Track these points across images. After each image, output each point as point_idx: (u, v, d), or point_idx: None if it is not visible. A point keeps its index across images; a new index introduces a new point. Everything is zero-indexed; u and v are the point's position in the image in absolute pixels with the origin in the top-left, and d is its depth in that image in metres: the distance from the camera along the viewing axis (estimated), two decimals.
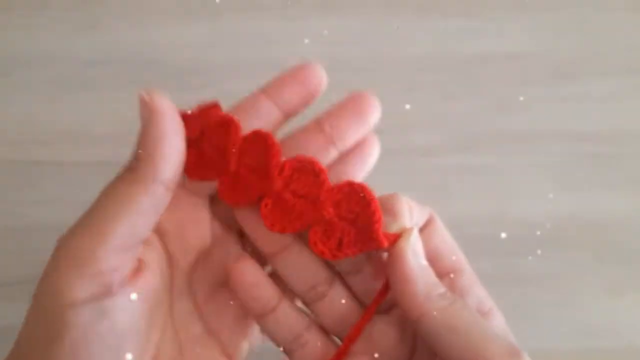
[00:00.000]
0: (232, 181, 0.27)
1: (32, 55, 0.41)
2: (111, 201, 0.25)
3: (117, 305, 0.24)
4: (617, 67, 0.42)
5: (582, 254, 0.40)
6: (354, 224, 0.26)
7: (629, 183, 0.41)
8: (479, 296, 0.28)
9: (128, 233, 0.24)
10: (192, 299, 0.29)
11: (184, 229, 0.28)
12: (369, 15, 0.43)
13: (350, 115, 0.28)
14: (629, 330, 0.39)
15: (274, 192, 0.26)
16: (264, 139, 0.26)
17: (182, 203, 0.28)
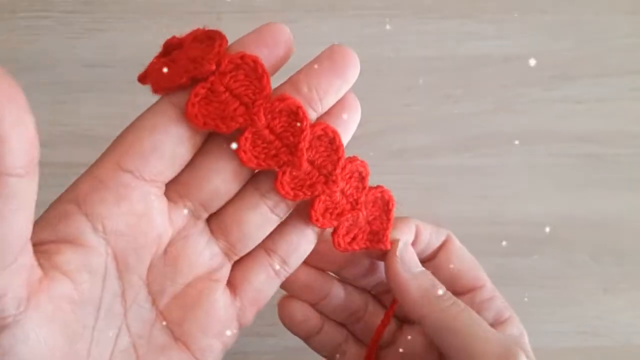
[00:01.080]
0: (208, 97, 0.23)
1: (34, 57, 0.41)
2: None
3: (18, 337, 0.20)
4: (615, 69, 0.43)
5: (580, 254, 0.40)
6: (371, 225, 0.28)
7: (626, 183, 0.41)
8: (498, 308, 0.29)
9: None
10: (152, 304, 0.25)
11: (136, 225, 0.23)
12: (369, 16, 0.43)
13: (328, 73, 0.25)
14: (626, 329, 0.39)
15: (257, 127, 0.24)
16: (253, 65, 0.23)
17: (133, 193, 0.23)
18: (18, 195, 0.19)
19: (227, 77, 0.23)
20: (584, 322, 0.39)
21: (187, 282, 0.25)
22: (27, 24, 0.42)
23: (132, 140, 0.23)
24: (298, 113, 0.24)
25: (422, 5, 0.43)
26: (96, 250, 0.23)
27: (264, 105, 0.23)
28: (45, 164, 0.21)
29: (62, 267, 0.22)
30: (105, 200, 0.23)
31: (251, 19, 0.42)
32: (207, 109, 0.23)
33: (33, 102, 0.20)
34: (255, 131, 0.24)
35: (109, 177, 0.23)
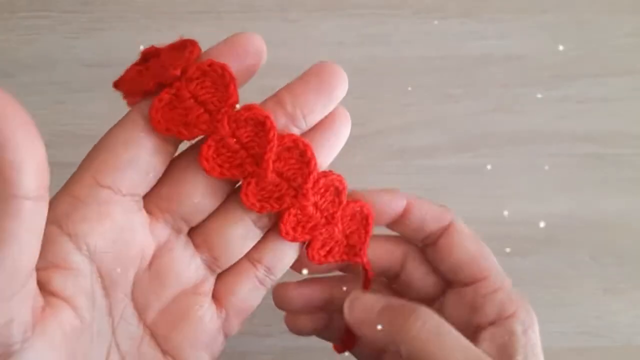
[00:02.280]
0: (171, 101, 0.23)
1: (34, 57, 0.41)
2: None
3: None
4: (615, 69, 0.43)
5: (580, 254, 0.40)
6: (348, 239, 0.28)
7: (626, 183, 0.41)
8: (501, 302, 0.27)
9: (6, 273, 0.19)
10: (138, 320, 0.25)
11: (119, 241, 0.23)
12: (369, 16, 0.43)
13: (315, 92, 0.24)
14: (626, 329, 0.39)
15: (220, 135, 0.23)
16: (220, 73, 0.23)
17: (113, 209, 0.23)
18: (32, 219, 0.19)
19: (193, 84, 0.23)
20: (584, 322, 0.39)
21: (173, 297, 0.25)
22: (27, 23, 0.42)
23: (107, 155, 0.23)
24: (265, 123, 0.23)
25: (422, 5, 0.43)
26: (83, 271, 0.22)
27: (229, 113, 0.23)
28: None
29: (60, 293, 0.22)
30: (86, 219, 0.22)
31: (251, 19, 0.42)
32: (171, 115, 0.23)
33: (33, 102, 0.20)
34: (220, 139, 0.23)
35: (87, 194, 0.22)
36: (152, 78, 0.23)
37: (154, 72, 0.23)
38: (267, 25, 0.42)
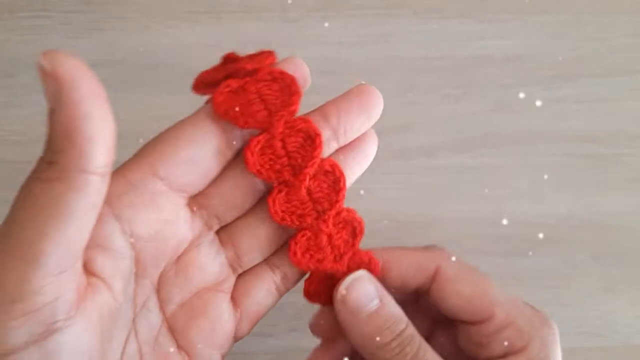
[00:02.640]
0: (237, 91, 0.24)
1: (34, 57, 0.41)
2: (34, 210, 0.19)
3: (63, 344, 0.20)
4: (615, 69, 0.43)
5: (580, 254, 0.40)
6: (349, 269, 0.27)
7: (626, 183, 0.41)
8: (510, 338, 0.26)
9: (64, 248, 0.19)
10: (159, 310, 0.25)
11: (160, 231, 0.24)
12: (369, 16, 0.43)
13: (357, 109, 0.25)
14: (626, 329, 0.39)
15: (274, 132, 0.24)
16: (289, 82, 0.24)
17: (163, 201, 0.23)
18: (95, 195, 0.19)
19: (261, 83, 0.24)
20: (584, 322, 0.39)
21: (195, 291, 0.25)
22: (27, 24, 0.42)
23: (169, 148, 0.23)
24: (315, 139, 0.24)
25: (422, 5, 0.43)
26: (123, 255, 0.23)
27: (287, 117, 0.24)
28: None
29: (100, 274, 0.22)
30: (135, 205, 0.23)
31: (251, 19, 0.42)
32: (233, 102, 0.24)
33: (33, 102, 0.20)
34: (269, 138, 0.24)
35: (140, 181, 0.23)
36: (225, 74, 0.24)
37: (228, 71, 0.24)
38: (267, 25, 0.42)
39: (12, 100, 0.40)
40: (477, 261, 0.40)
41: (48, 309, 0.19)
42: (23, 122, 0.40)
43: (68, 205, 0.19)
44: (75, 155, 0.18)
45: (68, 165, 0.19)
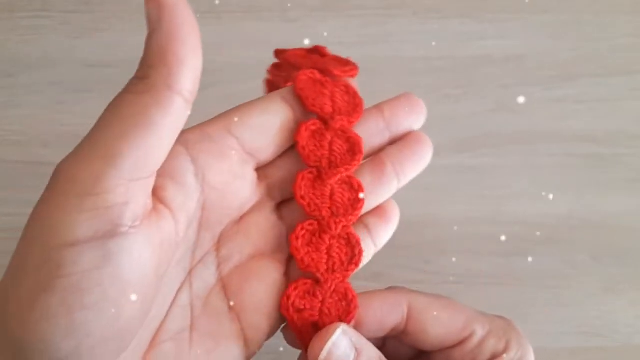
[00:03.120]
0: (315, 83, 0.27)
1: (35, 57, 0.41)
2: (118, 117, 0.20)
3: (124, 249, 0.20)
4: (615, 69, 0.43)
5: (580, 254, 0.40)
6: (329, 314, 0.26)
7: (626, 183, 0.41)
8: (492, 346, 0.26)
9: (140, 155, 0.20)
10: (216, 268, 0.25)
11: (230, 184, 0.25)
12: (369, 16, 0.43)
13: (407, 108, 0.28)
14: (626, 329, 0.39)
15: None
16: (359, 102, 0.27)
17: (234, 156, 0.25)
18: (176, 117, 0.21)
19: (337, 89, 0.27)
20: (584, 322, 0.39)
21: (252, 256, 0.26)
22: (27, 24, 0.42)
23: (244, 114, 0.25)
24: (357, 155, 0.27)
25: (422, 5, 0.43)
26: (192, 195, 0.24)
27: (344, 123, 0.27)
28: (45, 164, 0.21)
29: (168, 203, 0.23)
30: (210, 152, 0.24)
31: (251, 19, 0.42)
32: (308, 86, 0.27)
33: (33, 102, 0.20)
34: (323, 129, 0.27)
35: (217, 134, 0.25)
36: (312, 65, 0.28)
37: (315, 62, 0.28)
38: (267, 25, 0.42)
39: (12, 100, 0.40)
40: (477, 261, 0.40)
41: (116, 210, 0.20)
42: (23, 122, 0.40)
43: (151, 117, 0.20)
44: (165, 73, 0.20)
45: (157, 81, 0.20)
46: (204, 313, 0.25)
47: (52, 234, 0.19)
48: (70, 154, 0.21)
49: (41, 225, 0.20)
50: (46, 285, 0.19)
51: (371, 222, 0.28)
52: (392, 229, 0.28)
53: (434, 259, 0.40)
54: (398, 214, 0.28)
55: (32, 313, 0.19)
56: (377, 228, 0.28)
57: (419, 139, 0.28)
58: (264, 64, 0.32)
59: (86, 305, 0.20)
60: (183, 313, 0.24)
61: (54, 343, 0.20)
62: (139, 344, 0.23)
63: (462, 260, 0.40)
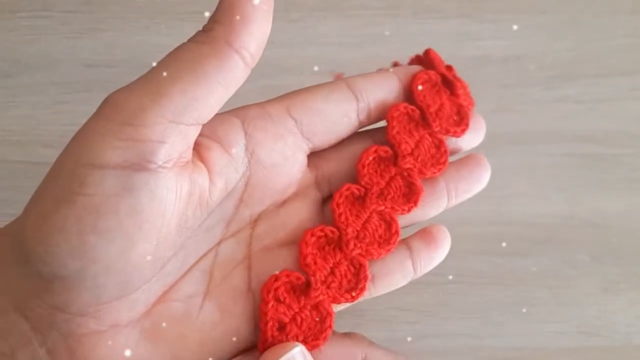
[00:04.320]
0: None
1: (35, 57, 0.41)
2: (174, 60, 0.21)
3: (148, 185, 0.21)
4: (615, 69, 0.43)
5: (580, 254, 0.40)
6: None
7: (626, 183, 0.41)
8: None
9: (186, 101, 0.21)
10: (247, 246, 0.25)
11: (279, 165, 0.25)
12: (369, 16, 0.43)
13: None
14: (626, 329, 0.39)
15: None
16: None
17: (289, 138, 0.25)
18: (232, 74, 0.21)
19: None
20: (584, 322, 0.39)
21: (285, 242, 0.25)
22: (27, 24, 0.42)
23: (305, 98, 0.25)
24: (413, 196, 0.26)
25: (422, 5, 0.43)
26: (236, 166, 0.24)
27: (418, 168, 0.26)
28: (45, 164, 0.21)
29: (208, 163, 0.23)
30: (265, 130, 0.25)
31: None
32: (401, 118, 0.26)
33: (33, 102, 0.20)
34: (389, 159, 0.26)
35: (276, 114, 0.25)
36: (447, 71, 0.28)
37: (448, 73, 0.28)
38: None
39: (12, 100, 0.40)
40: (477, 261, 0.40)
41: (150, 145, 0.20)
42: (23, 122, 0.40)
43: (206, 67, 0.21)
44: (228, 29, 0.21)
45: (218, 35, 0.21)
46: (222, 286, 0.24)
47: (83, 153, 0.20)
48: (123, 87, 0.21)
49: (77, 144, 0.21)
50: (66, 199, 0.20)
51: (416, 246, 0.26)
52: (437, 258, 0.27)
53: None
54: (448, 244, 0.27)
55: (47, 224, 0.20)
56: (421, 254, 0.26)
57: (477, 160, 0.28)
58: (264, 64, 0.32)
59: (99, 229, 0.20)
60: (201, 278, 0.24)
61: (60, 258, 0.20)
62: (149, 294, 0.23)
63: (462, 260, 0.40)
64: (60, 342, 0.21)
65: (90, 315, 0.21)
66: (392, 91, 0.27)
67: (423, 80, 0.27)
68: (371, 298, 0.26)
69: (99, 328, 0.21)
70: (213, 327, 0.24)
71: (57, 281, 0.21)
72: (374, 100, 0.26)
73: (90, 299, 0.21)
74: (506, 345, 0.38)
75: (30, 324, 0.21)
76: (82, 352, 0.21)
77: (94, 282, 0.21)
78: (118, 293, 0.21)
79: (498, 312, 0.39)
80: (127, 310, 0.22)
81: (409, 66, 0.28)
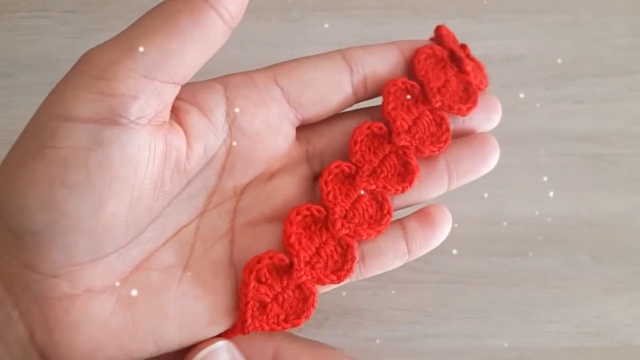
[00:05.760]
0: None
1: (35, 57, 0.41)
2: (150, 16, 0.21)
3: (119, 140, 0.20)
4: (615, 69, 0.43)
5: (580, 254, 0.40)
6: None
7: (626, 183, 0.41)
8: None
9: (159, 56, 0.20)
10: (230, 220, 0.24)
11: (262, 134, 0.24)
12: (369, 16, 0.43)
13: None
14: (626, 329, 0.39)
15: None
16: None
17: (274, 106, 0.24)
18: (209, 31, 0.21)
19: (433, 113, 0.26)
20: (584, 322, 0.39)
21: (271, 218, 0.25)
22: (27, 24, 0.42)
23: (295, 67, 0.24)
24: (409, 176, 0.25)
25: (422, 5, 0.43)
26: (217, 133, 0.23)
27: (416, 145, 0.25)
28: None
29: (186, 126, 0.23)
30: (249, 97, 0.24)
31: (251, 18, 0.42)
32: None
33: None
34: (384, 136, 0.25)
35: (262, 82, 0.24)
36: (460, 52, 0.27)
37: (462, 53, 0.27)
38: (267, 25, 0.42)
39: (12, 100, 0.40)
40: (477, 261, 0.40)
41: (122, 100, 0.20)
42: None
43: (180, 24, 0.20)
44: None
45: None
46: (203, 258, 0.24)
47: (55, 106, 0.20)
48: (101, 43, 0.21)
49: (51, 98, 0.20)
50: (36, 152, 0.20)
51: (411, 226, 0.25)
52: (434, 239, 0.25)
53: (434, 259, 0.40)
54: (447, 227, 0.26)
55: (16, 178, 0.20)
56: (415, 234, 0.25)
57: (483, 139, 0.26)
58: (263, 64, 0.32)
59: (68, 183, 0.20)
60: (181, 249, 0.23)
61: (30, 212, 0.20)
62: (125, 259, 0.22)
63: (462, 260, 0.40)
64: (33, 305, 0.21)
65: (62, 277, 0.21)
66: (392, 64, 0.26)
67: (426, 55, 0.26)
68: (371, 298, 0.26)
69: (72, 291, 0.21)
70: (193, 300, 0.23)
71: (27, 237, 0.20)
72: (372, 73, 0.25)
73: (61, 258, 0.21)
74: (506, 345, 0.38)
75: (3, 282, 0.21)
76: (55, 316, 0.21)
77: (64, 240, 0.20)
78: (90, 255, 0.21)
79: (498, 312, 0.39)
80: (102, 274, 0.22)
81: (415, 40, 0.27)
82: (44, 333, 0.21)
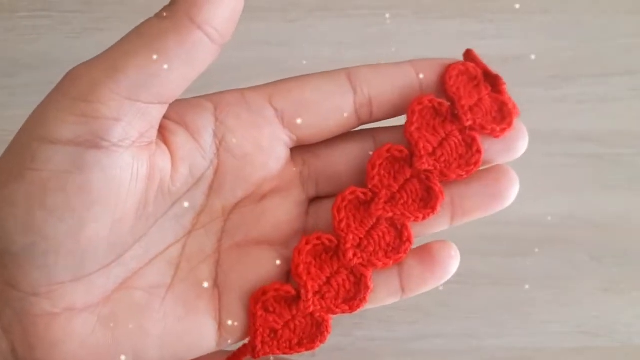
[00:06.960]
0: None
1: (35, 57, 0.41)
2: (134, 35, 0.20)
3: (100, 163, 0.20)
4: (615, 69, 0.43)
5: (580, 254, 0.40)
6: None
7: (626, 183, 0.41)
8: None
9: (143, 77, 0.20)
10: (217, 240, 0.24)
11: (251, 155, 0.23)
12: (369, 16, 0.43)
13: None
14: (626, 329, 0.39)
15: None
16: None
17: (266, 128, 0.23)
18: (195, 50, 0.20)
19: (463, 135, 0.24)
20: (584, 322, 0.39)
21: (258, 241, 0.24)
22: (27, 23, 0.42)
23: (294, 86, 0.23)
24: (432, 202, 0.24)
25: (422, 5, 0.43)
26: (204, 154, 0.23)
27: (441, 170, 0.24)
28: None
29: (172, 147, 0.22)
30: (240, 118, 0.23)
31: (251, 19, 0.42)
32: (425, 112, 0.24)
33: (33, 102, 0.20)
34: (404, 160, 0.24)
35: (254, 102, 0.23)
36: (489, 74, 0.25)
37: (492, 74, 0.25)
38: (267, 25, 0.42)
39: (12, 100, 0.40)
40: (477, 261, 0.40)
41: (105, 123, 0.20)
42: (23, 122, 0.40)
43: (165, 43, 0.20)
44: (189, 2, 0.19)
45: (179, 10, 0.20)
46: (187, 279, 0.23)
47: (37, 128, 0.20)
48: (85, 61, 0.20)
49: (33, 118, 0.20)
50: (17, 174, 0.20)
51: (408, 262, 0.24)
52: (434, 281, 0.24)
53: None
54: (452, 266, 0.24)
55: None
56: (412, 272, 0.24)
57: (499, 172, 0.24)
58: (263, 64, 0.32)
59: (47, 206, 0.20)
60: (166, 269, 0.23)
61: (9, 234, 0.20)
62: (107, 278, 0.22)
63: (462, 260, 0.40)
64: (15, 321, 0.21)
65: (43, 295, 0.21)
66: (404, 86, 0.24)
67: (459, 72, 0.24)
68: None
69: (53, 310, 0.21)
70: (176, 321, 0.23)
71: (7, 256, 0.20)
72: (378, 95, 0.24)
73: (41, 278, 0.21)
74: (506, 345, 0.38)
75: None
76: (36, 333, 0.21)
77: (44, 261, 0.20)
78: (71, 274, 0.21)
79: (498, 312, 0.39)
80: (84, 293, 0.21)
81: (434, 59, 0.25)
82: (25, 349, 0.21)
